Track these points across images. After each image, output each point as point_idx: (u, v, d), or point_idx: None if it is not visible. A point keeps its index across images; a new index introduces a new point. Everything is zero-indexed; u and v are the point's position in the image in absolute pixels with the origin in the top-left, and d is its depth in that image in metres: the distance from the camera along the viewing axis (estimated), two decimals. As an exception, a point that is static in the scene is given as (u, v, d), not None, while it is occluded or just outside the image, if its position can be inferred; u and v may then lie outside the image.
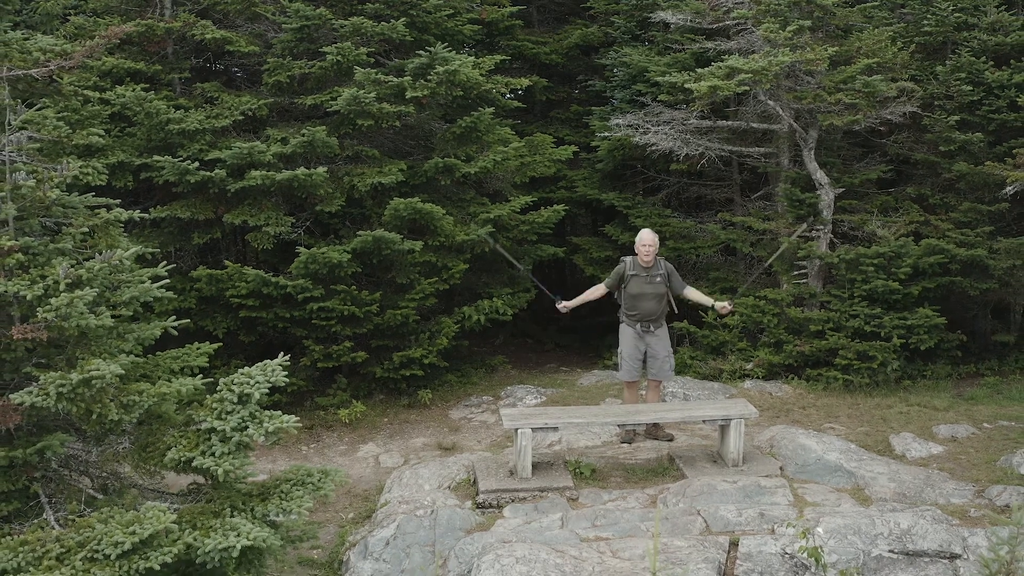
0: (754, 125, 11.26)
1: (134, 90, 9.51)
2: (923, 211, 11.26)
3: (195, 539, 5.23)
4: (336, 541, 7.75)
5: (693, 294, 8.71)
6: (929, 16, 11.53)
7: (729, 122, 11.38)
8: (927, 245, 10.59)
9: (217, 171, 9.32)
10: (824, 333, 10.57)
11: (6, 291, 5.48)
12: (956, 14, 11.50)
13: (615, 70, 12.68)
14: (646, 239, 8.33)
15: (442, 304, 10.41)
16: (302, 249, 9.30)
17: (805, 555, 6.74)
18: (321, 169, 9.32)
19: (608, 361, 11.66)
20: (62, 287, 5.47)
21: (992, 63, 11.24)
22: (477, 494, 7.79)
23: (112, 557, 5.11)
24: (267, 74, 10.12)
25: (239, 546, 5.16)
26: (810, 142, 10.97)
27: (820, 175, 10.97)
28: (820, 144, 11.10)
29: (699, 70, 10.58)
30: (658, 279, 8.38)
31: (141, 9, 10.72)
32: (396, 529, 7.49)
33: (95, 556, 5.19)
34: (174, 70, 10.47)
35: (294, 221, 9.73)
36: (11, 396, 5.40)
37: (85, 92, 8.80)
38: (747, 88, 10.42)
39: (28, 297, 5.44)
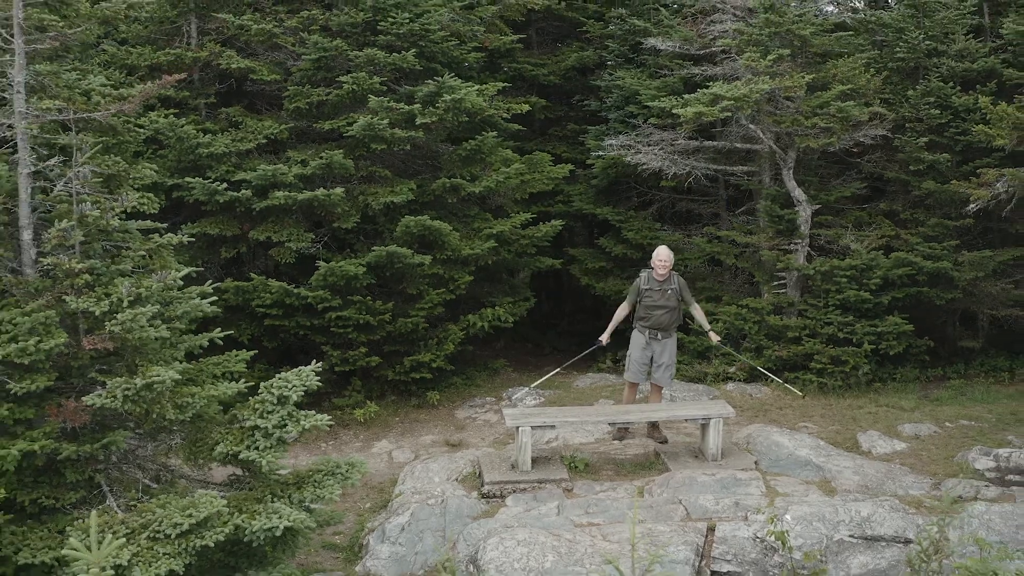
0: (738, 146, 12.13)
1: (166, 116, 10.36)
2: (894, 226, 12.13)
3: (243, 521, 6.08)
4: (355, 527, 8.60)
5: (697, 312, 9.52)
6: (901, 43, 12.39)
7: (715, 143, 12.26)
8: (896, 258, 11.46)
9: (243, 191, 10.18)
10: (801, 339, 11.45)
11: (76, 307, 6.34)
12: (927, 41, 12.37)
13: (609, 92, 13.55)
14: (663, 255, 9.14)
15: (449, 312, 11.28)
16: (321, 263, 10.17)
17: (773, 539, 7.64)
18: (338, 189, 10.19)
19: (602, 365, 12.51)
20: (125, 304, 6.32)
21: (959, 88, 12.11)
22: (482, 485, 8.65)
23: (172, 536, 5.97)
24: (287, 100, 10.98)
25: (282, 526, 6.02)
26: (789, 162, 11.84)
27: (798, 192, 11.84)
28: (798, 164, 11.97)
29: (685, 96, 11.44)
30: (670, 292, 9.19)
31: (169, 38, 11.57)
32: (410, 516, 8.35)
33: (157, 536, 6.04)
34: (200, 95, 11.32)
35: (313, 237, 10.60)
36: (84, 399, 6.26)
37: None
38: (729, 114, 11.28)
39: (96, 313, 6.29)
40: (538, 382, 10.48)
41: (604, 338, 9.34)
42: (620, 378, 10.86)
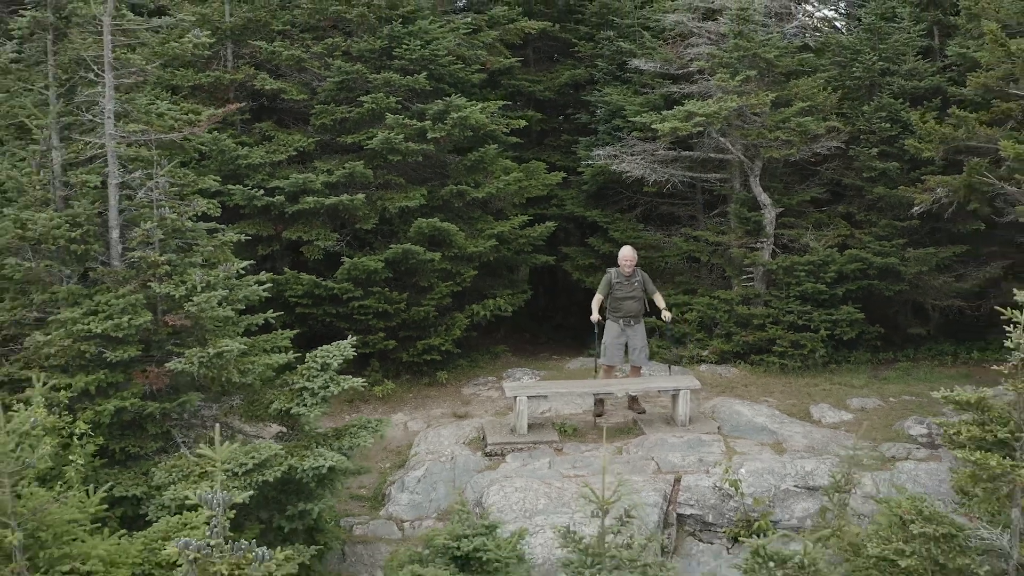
0: (711, 156, 13.63)
1: (209, 131, 11.84)
2: (850, 226, 13.62)
3: (295, 462, 7.57)
4: (378, 482, 10.10)
5: (658, 298, 11.05)
6: (857, 64, 13.88)
7: (691, 153, 13.75)
8: (849, 255, 12.96)
9: (277, 196, 11.69)
10: (765, 326, 12.94)
11: (159, 292, 7.84)
12: (880, 62, 13.84)
13: (598, 107, 15.05)
14: (627, 255, 10.71)
15: (455, 303, 12.78)
16: (345, 259, 11.67)
17: (728, 486, 9.14)
18: (360, 195, 11.70)
19: (592, 351, 14.00)
20: (199, 289, 7.84)
21: (908, 104, 13.59)
22: (486, 446, 10.15)
23: (239, 474, 7.45)
24: (314, 117, 12.48)
25: (327, 466, 7.52)
26: (755, 170, 13.34)
27: (764, 197, 13.33)
28: (764, 172, 13.46)
29: (664, 112, 12.93)
30: (636, 284, 10.74)
31: (207, 61, 13.06)
32: (425, 471, 9.86)
33: (227, 472, 7.53)
34: (236, 112, 12.80)
35: (338, 236, 12.11)
36: (167, 364, 7.77)
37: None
38: (701, 128, 12.78)
39: (176, 296, 7.79)
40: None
41: (595, 318, 10.83)
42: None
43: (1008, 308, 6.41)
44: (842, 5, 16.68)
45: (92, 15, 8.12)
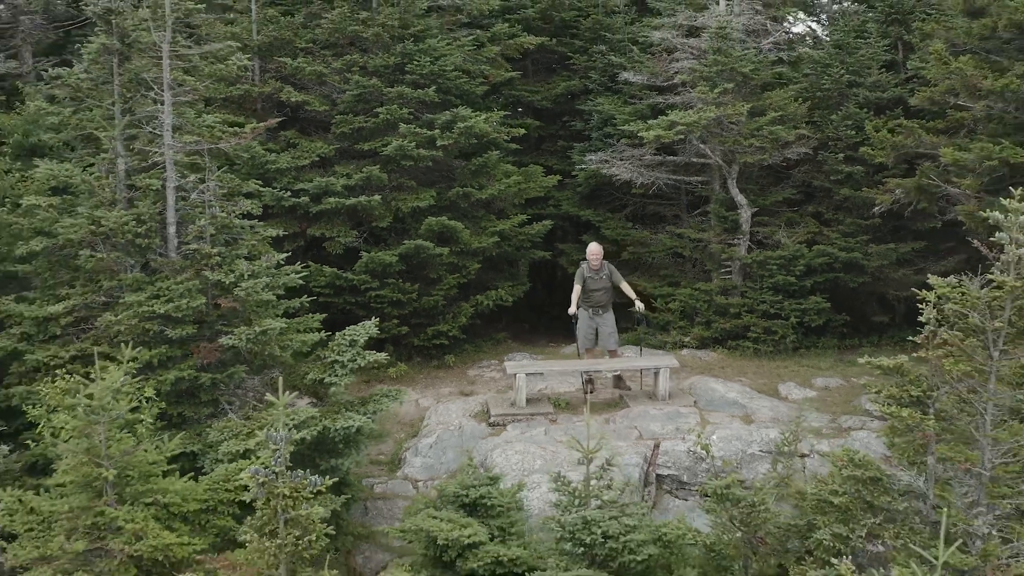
0: (693, 160, 14.93)
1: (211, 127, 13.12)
2: (819, 224, 14.92)
3: (328, 423, 8.88)
4: (394, 450, 11.40)
5: (625, 287, 12.36)
6: (826, 77, 15.18)
7: (675, 158, 15.05)
8: (817, 250, 14.26)
9: (302, 198, 13.00)
10: (741, 314, 14.24)
11: (212, 279, 9.15)
12: (847, 75, 15.14)
13: (591, 115, 16.35)
14: (593, 250, 12.05)
15: (461, 293, 14.08)
16: (363, 253, 12.98)
17: (700, 449, 10.43)
18: (376, 197, 13.00)
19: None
20: (246, 276, 9.15)
21: (872, 113, 14.88)
22: (489, 418, 11.45)
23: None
24: (335, 126, 13.79)
25: (355, 426, 8.83)
26: (733, 174, 14.64)
27: (740, 198, 14.64)
28: (741, 175, 14.76)
29: (649, 121, 14.24)
30: (604, 277, 12.08)
31: (237, 76, 14.34)
32: (436, 438, 11.17)
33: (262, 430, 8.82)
34: (262, 121, 14.09)
35: (356, 233, 13.41)
36: (219, 340, 9.08)
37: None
38: (683, 136, 14.08)
39: (226, 282, 9.10)
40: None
41: (572, 311, 12.17)
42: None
43: (923, 291, 7.72)
44: (817, 24, 17.97)
45: (152, 42, 9.44)
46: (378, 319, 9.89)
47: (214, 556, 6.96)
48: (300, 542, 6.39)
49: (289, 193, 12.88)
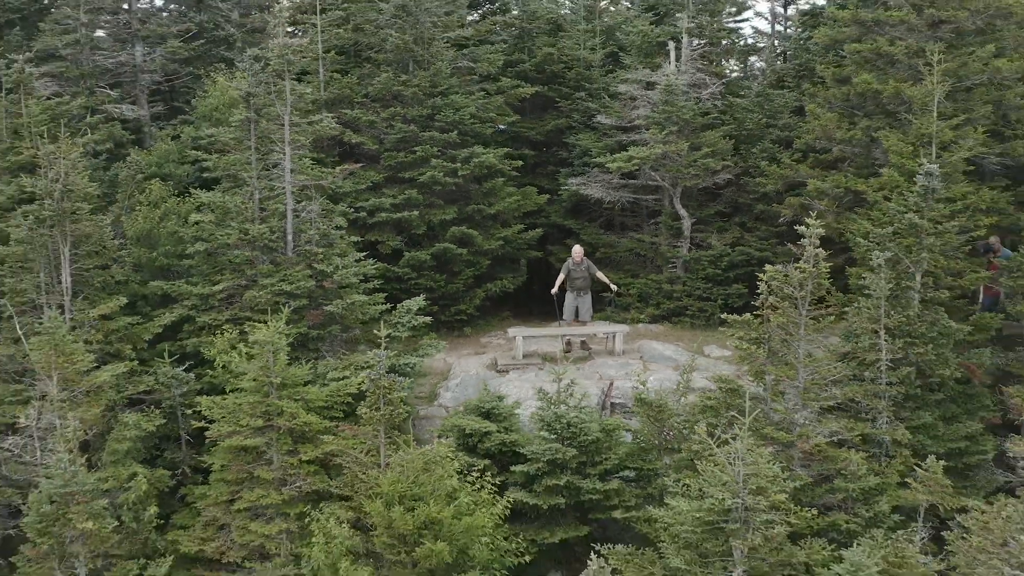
0: (648, 183, 19.70)
1: (313, 168, 17.94)
2: (741, 231, 19.69)
3: (395, 360, 13.65)
4: (431, 389, 16.14)
5: (601, 276, 17.16)
6: (749, 119, 19.97)
7: (634, 181, 19.82)
8: (739, 250, 19.02)
9: (361, 213, 17.79)
10: (682, 298, 19.01)
11: (318, 269, 13.97)
12: (764, 119, 19.94)
13: (573, 147, 21.13)
14: (576, 251, 16.86)
15: (476, 282, 18.85)
16: (406, 253, 17.78)
17: (640, 384, 15.22)
18: (415, 212, 17.80)
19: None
20: (340, 267, 13.98)
21: (782, 147, 19.65)
22: (497, 366, 16.24)
23: (363, 368, 13.56)
24: (383, 160, 18.59)
25: (413, 361, 13.64)
26: (677, 194, 19.43)
27: (682, 212, 19.43)
28: (683, 194, 19.53)
29: (615, 155, 19.00)
30: (584, 269, 16.88)
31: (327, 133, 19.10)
32: (460, 380, 15.96)
33: (355, 366, 13.65)
34: (329, 155, 18.90)
35: (401, 239, 18.18)
36: (324, 307, 13.89)
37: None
38: (638, 166, 18.87)
39: (328, 271, 13.92)
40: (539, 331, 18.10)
41: (554, 291, 16.99)
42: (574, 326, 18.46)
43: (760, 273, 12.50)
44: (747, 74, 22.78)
45: (277, 114, 14.28)
46: (420, 297, 14.71)
47: (338, 426, 11.81)
48: (393, 414, 11.23)
49: (352, 209, 17.67)
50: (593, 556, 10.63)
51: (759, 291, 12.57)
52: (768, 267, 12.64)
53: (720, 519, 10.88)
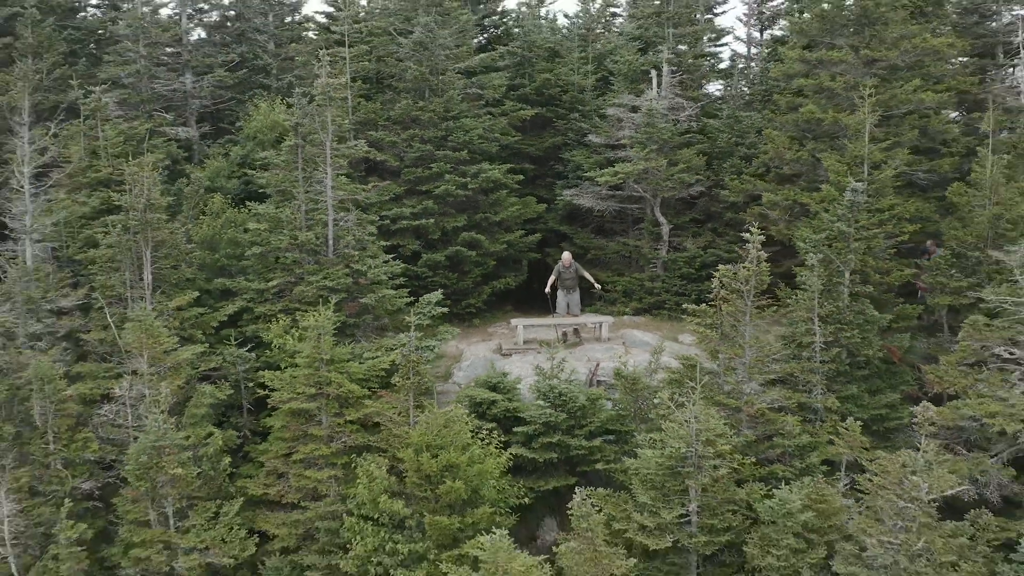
0: (631, 194, 22.57)
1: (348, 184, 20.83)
2: (713, 235, 22.56)
3: (420, 343, 16.54)
4: (446, 369, 18.97)
5: (587, 276, 20.05)
6: (720, 139, 22.85)
7: (620, 192, 22.69)
8: (710, 252, 21.90)
9: (384, 220, 20.67)
10: (661, 294, 21.88)
11: (355, 268, 16.87)
12: (733, 138, 22.81)
13: (568, 162, 24.01)
14: (565, 257, 19.76)
15: (483, 280, 21.73)
16: (423, 255, 20.66)
17: (622, 365, 18.12)
18: (431, 220, 20.68)
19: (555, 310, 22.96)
20: (372, 266, 16.89)
21: (747, 163, 22.51)
22: (502, 350, 19.13)
23: (391, 349, 16.45)
24: (403, 174, 21.48)
25: (433, 344, 16.53)
26: (657, 204, 22.30)
27: (662, 219, 22.30)
28: (662, 204, 22.40)
29: (603, 170, 21.88)
30: (572, 271, 19.76)
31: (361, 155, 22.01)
32: (470, 362, 18.84)
33: (386, 348, 16.54)
34: (357, 170, 21.79)
35: (419, 243, 21.06)
36: (359, 300, 16.79)
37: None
38: (623, 180, 21.75)
39: (363, 269, 16.83)
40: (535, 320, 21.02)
41: (547, 290, 19.89)
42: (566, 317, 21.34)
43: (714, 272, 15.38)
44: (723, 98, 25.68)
45: (321, 140, 17.19)
46: (439, 292, 17.60)
47: (375, 393, 14.72)
48: (420, 383, 14.13)
49: (378, 218, 20.56)
50: (577, 490, 13.52)
51: (712, 284, 15.45)
52: (720, 266, 15.52)
53: (678, 464, 13.78)
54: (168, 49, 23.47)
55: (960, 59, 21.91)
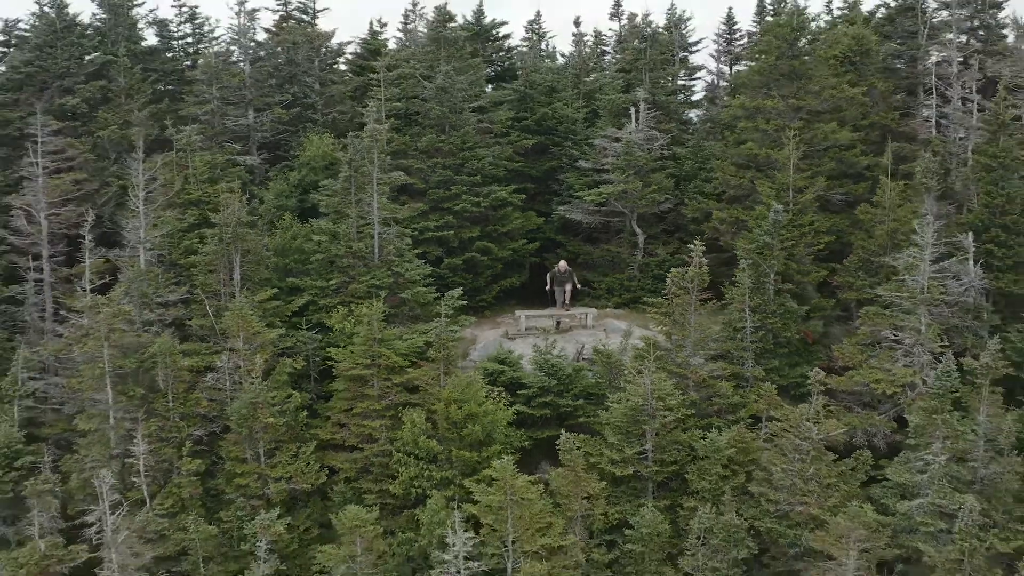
0: (614, 210, 27.46)
1: (389, 205, 25.76)
2: (680, 243, 27.43)
3: (442, 329, 21.47)
4: (463, 351, 23.89)
5: (575, 278, 25.02)
6: (687, 164, 27.75)
7: (604, 207, 27.59)
8: (677, 257, 26.77)
9: (415, 232, 25.59)
10: (637, 291, 26.79)
11: (395, 269, 21.83)
12: (697, 164, 27.72)
13: (562, 183, 28.93)
14: (561, 265, 24.76)
15: (493, 279, 26.61)
16: (445, 260, 25.61)
17: (602, 345, 23.08)
18: (451, 231, 25.65)
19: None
20: (408, 269, 21.86)
21: (708, 184, 27.39)
22: (508, 335, 24.09)
23: (420, 332, 21.42)
24: (428, 195, 26.45)
25: (456, 329, 21.46)
26: (634, 217, 27.21)
27: (638, 230, 27.20)
28: (639, 218, 27.29)
29: (590, 190, 26.80)
30: (566, 275, 24.75)
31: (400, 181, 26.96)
32: (483, 344, 23.79)
33: (416, 332, 21.51)
34: (392, 192, 26.70)
35: (441, 250, 25.97)
36: (399, 295, 21.74)
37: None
38: (605, 199, 26.67)
39: (401, 271, 21.80)
40: (535, 312, 26.03)
41: (548, 288, 24.88)
42: (560, 309, 26.28)
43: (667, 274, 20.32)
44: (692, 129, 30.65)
45: (370, 172, 22.17)
46: (459, 289, 22.58)
47: (414, 363, 19.73)
48: (449, 355, 19.12)
49: (409, 230, 25.49)
50: (563, 432, 18.49)
51: (666, 284, 20.41)
52: (673, 269, 20.47)
53: (637, 414, 18.74)
54: (234, 90, 28.40)
55: (891, 97, 26.85)
